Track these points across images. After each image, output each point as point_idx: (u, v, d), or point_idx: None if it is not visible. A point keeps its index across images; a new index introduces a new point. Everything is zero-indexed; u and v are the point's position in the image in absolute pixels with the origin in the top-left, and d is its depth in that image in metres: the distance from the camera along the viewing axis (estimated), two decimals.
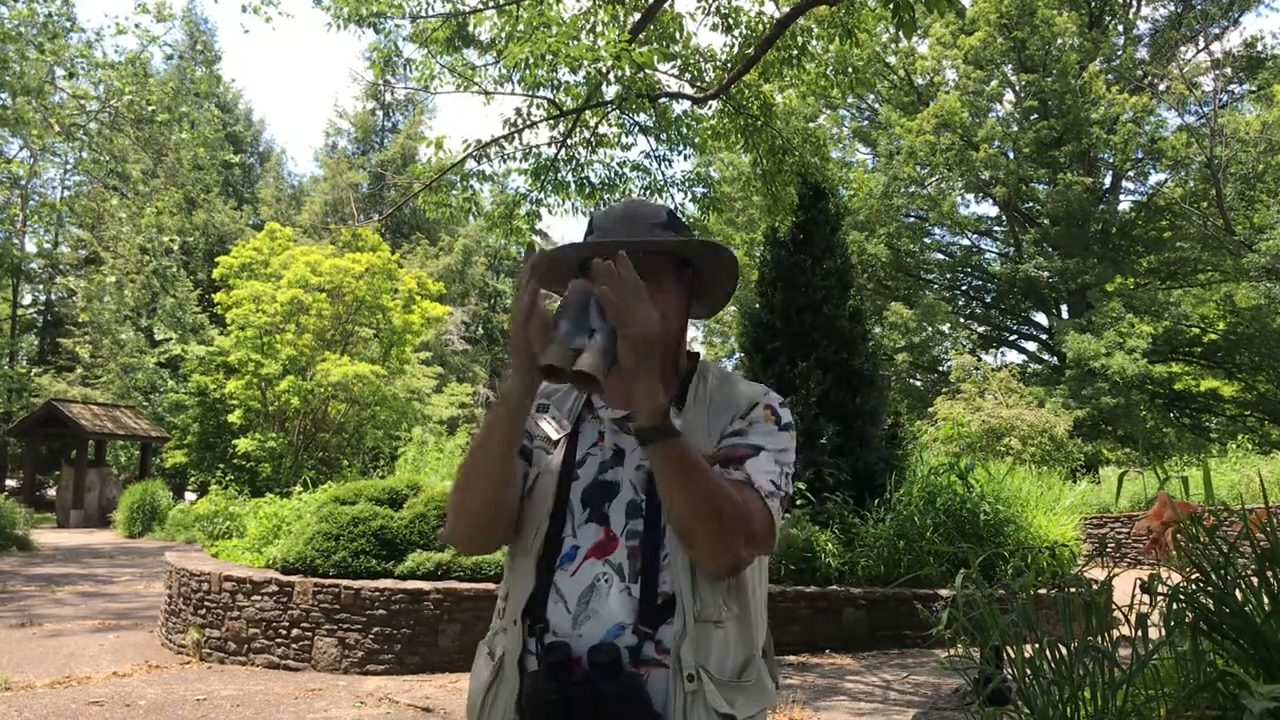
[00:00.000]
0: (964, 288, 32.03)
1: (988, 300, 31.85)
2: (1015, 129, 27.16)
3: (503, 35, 8.44)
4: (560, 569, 1.43)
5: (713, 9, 8.92)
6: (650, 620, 1.37)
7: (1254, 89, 26.59)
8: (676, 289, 1.53)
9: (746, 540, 1.37)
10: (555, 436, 1.52)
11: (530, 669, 1.41)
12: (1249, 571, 2.64)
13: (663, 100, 9.11)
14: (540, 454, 1.52)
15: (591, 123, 9.28)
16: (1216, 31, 27.54)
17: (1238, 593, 2.60)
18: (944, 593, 7.02)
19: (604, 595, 1.39)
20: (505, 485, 1.45)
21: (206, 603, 7.29)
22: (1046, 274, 27.49)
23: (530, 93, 8.56)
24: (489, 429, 1.43)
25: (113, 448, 27.79)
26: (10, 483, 27.05)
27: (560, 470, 1.49)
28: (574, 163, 9.49)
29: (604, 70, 7.47)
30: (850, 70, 9.26)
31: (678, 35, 8.97)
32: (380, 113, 43.24)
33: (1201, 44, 27.91)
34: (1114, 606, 3.00)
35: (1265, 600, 2.54)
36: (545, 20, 7.65)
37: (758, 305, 9.82)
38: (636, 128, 9.54)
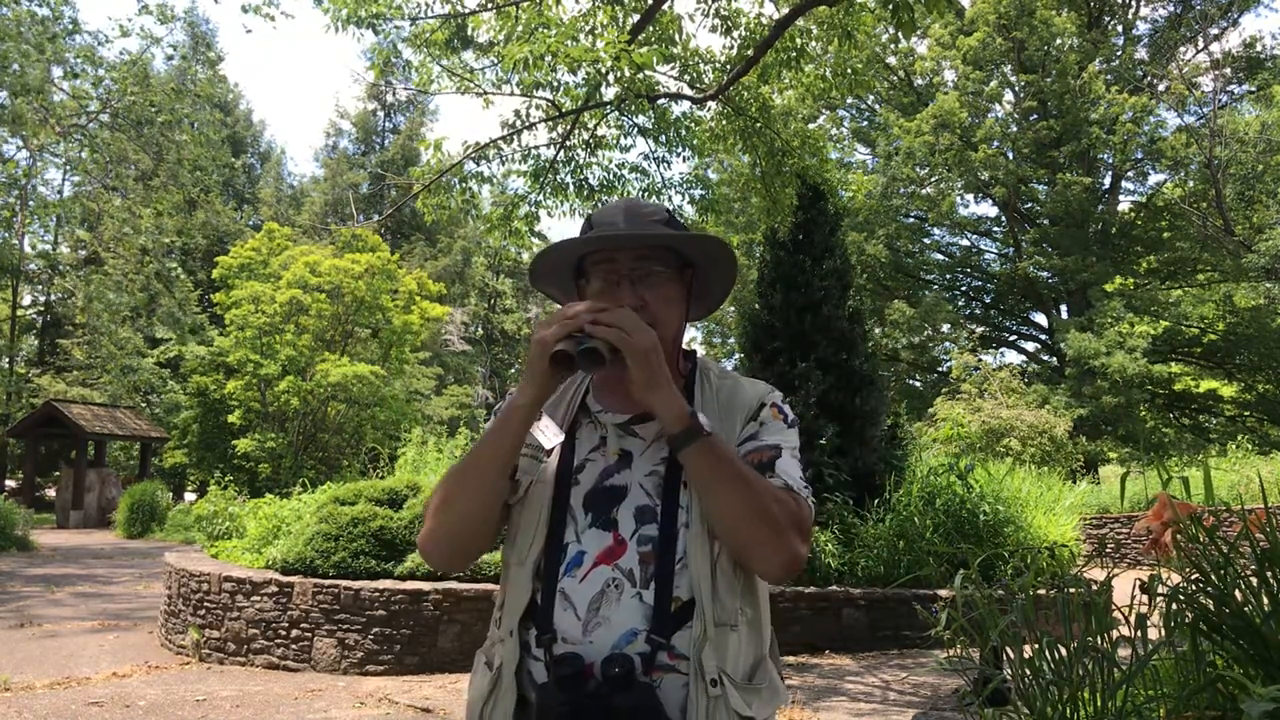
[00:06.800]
0: (964, 288, 32.02)
1: (988, 300, 31.85)
2: (1014, 129, 27.16)
3: (501, 36, 8.44)
4: (567, 575, 1.40)
5: (712, 10, 8.91)
6: (663, 626, 1.35)
7: (1253, 89, 26.58)
8: (678, 287, 1.53)
9: (802, 537, 1.37)
10: (549, 445, 1.50)
11: (537, 678, 1.39)
12: (1249, 571, 2.64)
13: (661, 101, 9.10)
14: (531, 463, 1.49)
15: (590, 124, 9.27)
16: (1216, 32, 27.53)
17: (1238, 593, 2.60)
18: (944, 593, 7.02)
19: (614, 601, 1.37)
20: (496, 503, 1.44)
21: (206, 603, 7.29)
22: (1046, 274, 27.49)
23: (529, 94, 8.56)
24: (497, 436, 1.42)
25: (112, 448, 27.79)
26: (10, 483, 27.05)
27: (556, 477, 1.47)
28: (573, 164, 9.49)
29: (603, 71, 7.46)
30: (849, 72, 9.25)
31: (677, 37, 8.96)
32: (381, 113, 43.29)
33: (1201, 44, 27.91)
34: (1114, 607, 3.00)
35: (1265, 600, 2.54)
36: (544, 21, 7.64)
37: (757, 305, 9.82)
38: (635, 129, 9.53)
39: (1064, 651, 2.87)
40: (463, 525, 1.44)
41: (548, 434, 1.51)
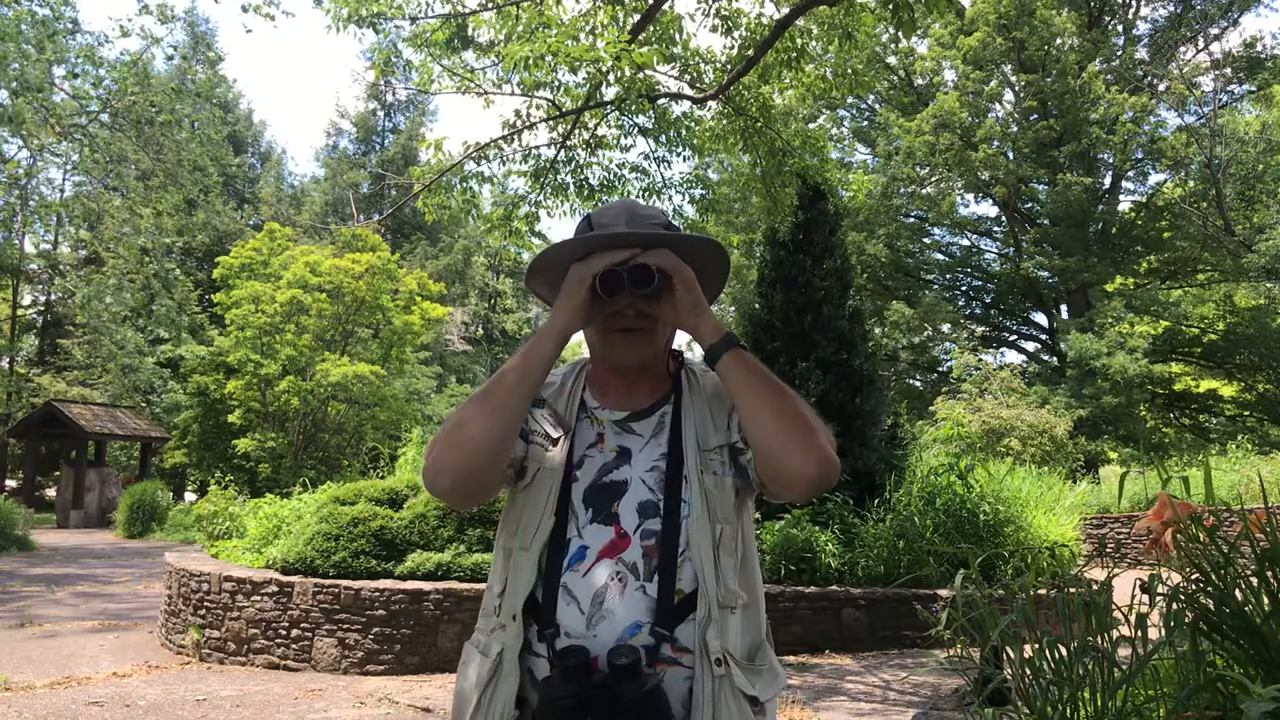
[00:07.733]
0: (964, 288, 32.01)
1: (988, 300, 31.83)
2: (1015, 129, 27.14)
3: (502, 36, 8.44)
4: (570, 570, 1.41)
5: (712, 10, 8.91)
6: (667, 619, 1.37)
7: (1254, 89, 26.56)
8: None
9: (831, 444, 1.44)
10: (555, 435, 1.51)
11: (538, 674, 1.39)
12: (1249, 571, 2.64)
13: (662, 101, 9.10)
14: (539, 450, 1.50)
15: (590, 124, 9.27)
16: (1216, 32, 27.52)
17: (1238, 593, 2.60)
18: (944, 593, 7.02)
19: (618, 595, 1.38)
20: (513, 431, 1.42)
21: (206, 603, 7.29)
22: (1046, 274, 27.48)
23: (529, 93, 8.56)
24: (526, 359, 1.43)
25: (112, 448, 27.78)
26: (10, 483, 27.04)
27: (561, 469, 1.48)
28: (573, 164, 9.49)
29: (603, 71, 7.46)
30: (849, 72, 9.26)
31: (677, 37, 8.96)
32: (381, 113, 43.25)
33: (1201, 44, 27.90)
34: (1114, 606, 3.01)
35: (1265, 600, 2.54)
36: (545, 21, 7.64)
37: (757, 305, 9.82)
38: (636, 129, 9.53)
39: (1064, 651, 2.88)
40: (476, 450, 1.39)
41: (553, 424, 1.53)
